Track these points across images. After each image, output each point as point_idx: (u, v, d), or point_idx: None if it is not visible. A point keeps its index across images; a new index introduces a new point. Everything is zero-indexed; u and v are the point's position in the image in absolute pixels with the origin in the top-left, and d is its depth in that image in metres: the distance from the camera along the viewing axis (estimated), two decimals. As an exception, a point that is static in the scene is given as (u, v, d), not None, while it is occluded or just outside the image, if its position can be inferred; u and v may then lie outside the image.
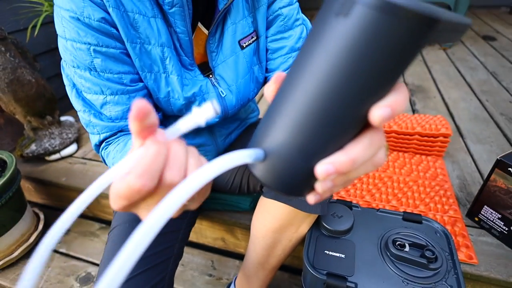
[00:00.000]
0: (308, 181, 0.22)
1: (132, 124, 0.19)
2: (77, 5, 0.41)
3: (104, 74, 0.46)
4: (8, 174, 0.93)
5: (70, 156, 1.21)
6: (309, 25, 0.61)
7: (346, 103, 0.17)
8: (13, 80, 0.99)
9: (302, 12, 0.60)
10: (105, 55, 0.45)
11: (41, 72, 1.20)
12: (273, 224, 0.59)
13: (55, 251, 1.04)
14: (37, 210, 1.14)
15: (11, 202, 0.95)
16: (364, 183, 0.93)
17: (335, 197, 0.86)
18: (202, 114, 0.21)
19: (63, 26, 0.43)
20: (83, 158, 1.20)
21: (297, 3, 0.59)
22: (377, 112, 0.17)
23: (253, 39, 0.57)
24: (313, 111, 0.18)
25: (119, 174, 0.20)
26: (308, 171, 0.20)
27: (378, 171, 0.98)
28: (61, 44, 0.45)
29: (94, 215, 1.14)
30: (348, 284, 0.50)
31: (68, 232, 1.11)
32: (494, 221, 0.74)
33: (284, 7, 0.56)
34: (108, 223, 1.12)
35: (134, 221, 0.61)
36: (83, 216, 1.16)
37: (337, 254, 0.55)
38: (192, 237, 1.01)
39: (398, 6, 0.14)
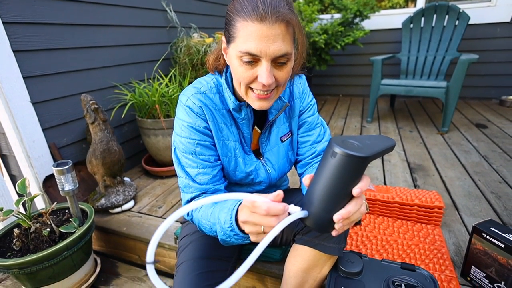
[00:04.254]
0: (330, 223, 0.50)
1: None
2: (193, 120, 0.74)
3: (200, 156, 0.76)
4: (89, 222, 1.20)
5: (129, 210, 1.48)
6: (325, 125, 0.93)
7: (340, 190, 0.46)
8: (105, 150, 1.34)
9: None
10: (203, 145, 0.75)
11: (117, 143, 1.57)
12: (303, 265, 0.80)
13: (108, 292, 1.22)
14: (95, 256, 1.36)
15: (85, 246, 1.19)
16: (374, 244, 1.12)
17: (349, 249, 1.05)
18: (294, 215, 0.48)
19: (181, 129, 0.75)
20: (139, 212, 1.46)
21: (317, 113, 0.91)
22: (354, 191, 0.46)
23: (289, 136, 0.88)
24: (327, 195, 0.47)
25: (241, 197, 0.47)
26: (330, 219, 0.49)
27: (386, 235, 1.17)
28: (177, 139, 0.76)
29: (142, 263, 1.34)
30: (360, 311, 0.69)
31: (119, 276, 1.30)
32: (481, 279, 0.90)
33: (309, 117, 0.88)
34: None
35: (197, 258, 0.83)
36: (133, 263, 1.36)
37: (351, 290, 0.75)
38: (227, 285, 1.17)
39: (351, 154, 0.43)
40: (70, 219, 1.20)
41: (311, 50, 2.89)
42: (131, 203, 1.50)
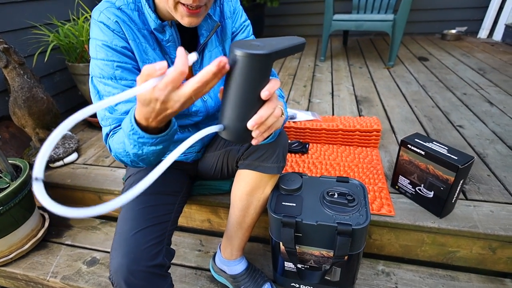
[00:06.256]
0: (247, 132, 0.47)
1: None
2: (109, 37, 0.65)
3: (121, 81, 0.68)
4: (23, 177, 1.11)
5: (72, 163, 1.39)
6: None
7: (248, 94, 0.43)
8: (29, 97, 1.19)
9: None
10: (123, 68, 0.67)
11: (46, 92, 1.40)
12: (246, 188, 0.83)
13: (61, 243, 1.20)
14: (41, 212, 1.29)
15: (23, 202, 1.11)
16: (319, 169, 1.20)
17: (291, 171, 1.12)
18: (191, 57, 0.42)
19: (96, 50, 0.66)
20: (84, 164, 1.38)
21: (253, 36, 0.87)
22: (263, 94, 0.43)
23: (223, 61, 0.83)
24: (235, 102, 0.44)
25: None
26: (245, 128, 0.46)
27: (330, 160, 1.25)
28: (93, 63, 0.68)
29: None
30: (297, 220, 0.75)
31: (71, 227, 1.27)
32: (406, 186, 1.02)
33: (243, 39, 0.83)
34: (107, 218, 1.29)
35: (142, 195, 0.80)
36: (85, 214, 1.32)
37: (290, 204, 0.80)
38: (183, 221, 1.21)
39: (251, 53, 0.40)
40: (0, 175, 1.10)
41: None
42: (74, 155, 1.41)
